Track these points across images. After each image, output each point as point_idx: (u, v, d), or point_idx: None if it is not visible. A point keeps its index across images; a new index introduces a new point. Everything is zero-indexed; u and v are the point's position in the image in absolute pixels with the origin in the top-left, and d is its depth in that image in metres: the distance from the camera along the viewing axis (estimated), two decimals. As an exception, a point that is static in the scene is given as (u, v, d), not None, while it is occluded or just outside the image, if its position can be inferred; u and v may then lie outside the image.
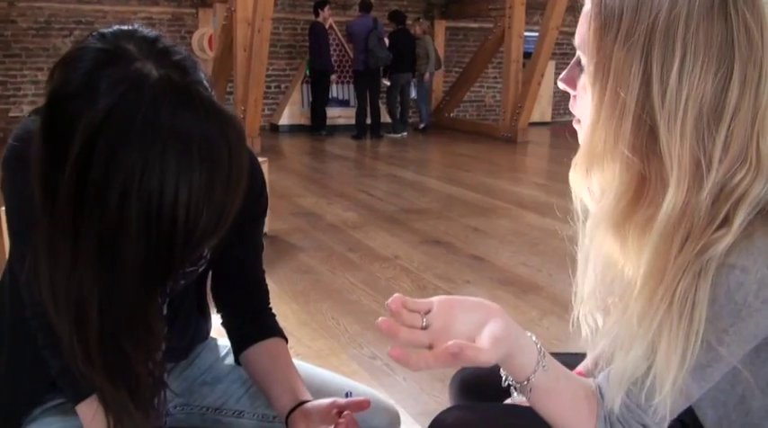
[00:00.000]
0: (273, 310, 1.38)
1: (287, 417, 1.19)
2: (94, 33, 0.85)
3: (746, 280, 0.83)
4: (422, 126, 11.62)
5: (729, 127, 0.82)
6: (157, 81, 0.79)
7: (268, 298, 1.38)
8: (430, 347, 0.90)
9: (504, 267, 4.23)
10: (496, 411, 1.21)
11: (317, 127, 10.80)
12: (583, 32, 0.89)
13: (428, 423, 2.40)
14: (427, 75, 11.34)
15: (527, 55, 10.75)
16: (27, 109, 9.08)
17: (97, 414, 0.92)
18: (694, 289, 0.84)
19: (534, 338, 0.95)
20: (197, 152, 0.78)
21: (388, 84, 10.92)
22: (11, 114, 9.67)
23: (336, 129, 11.07)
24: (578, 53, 0.92)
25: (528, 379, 0.93)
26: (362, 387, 1.44)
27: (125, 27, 0.86)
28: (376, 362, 2.91)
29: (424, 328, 0.92)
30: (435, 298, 0.96)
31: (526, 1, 10.50)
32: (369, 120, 10.73)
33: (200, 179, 0.79)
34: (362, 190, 6.75)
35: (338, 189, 6.71)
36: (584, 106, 0.93)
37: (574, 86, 0.95)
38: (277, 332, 1.34)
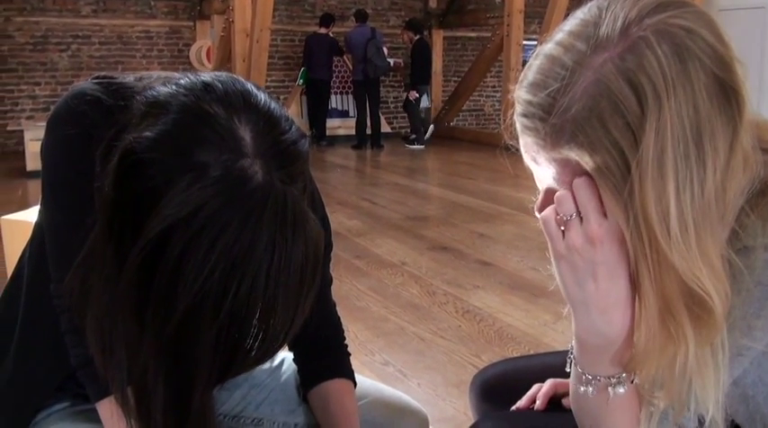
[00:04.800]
0: (349, 348, 1.31)
1: None
2: (207, 80, 0.77)
3: None
4: (412, 137, 11.49)
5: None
6: (259, 188, 0.71)
7: (341, 335, 1.31)
8: None
9: (514, 272, 4.17)
10: (532, 420, 1.15)
11: (316, 137, 10.77)
12: (564, 179, 0.80)
13: (446, 429, 2.35)
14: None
15: (525, 63, 10.72)
16: (25, 123, 9.02)
17: (118, 414, 0.85)
18: None
19: None
20: (274, 275, 0.72)
21: (417, 96, 10.80)
22: (8, 128, 9.61)
23: (336, 140, 11.02)
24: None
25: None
26: (391, 390, 1.39)
27: (245, 90, 0.78)
28: (388, 369, 2.85)
29: None
30: None
31: (524, 9, 10.50)
32: (369, 130, 10.67)
33: (271, 298, 0.73)
34: (365, 198, 6.71)
35: (341, 197, 6.66)
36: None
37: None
38: (344, 373, 1.26)
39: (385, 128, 11.12)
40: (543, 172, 0.82)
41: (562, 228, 0.80)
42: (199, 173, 0.70)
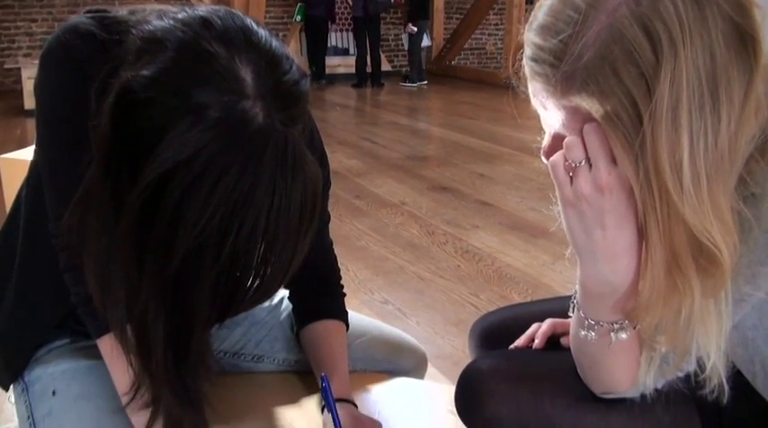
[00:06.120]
0: (349, 287, 1.32)
1: None
2: (205, 15, 0.75)
3: None
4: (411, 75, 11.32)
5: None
6: (259, 131, 0.70)
7: (336, 273, 1.32)
8: None
9: (513, 212, 4.17)
10: (530, 358, 1.16)
11: (316, 76, 10.65)
12: (573, 126, 0.78)
13: (444, 366, 2.38)
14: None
15: (529, 0, 10.56)
16: (22, 61, 8.91)
17: (118, 350, 0.86)
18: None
19: None
20: (273, 218, 0.72)
21: (415, 30, 10.64)
22: (6, 66, 9.49)
23: (336, 78, 10.90)
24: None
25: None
26: (390, 328, 1.41)
27: (245, 26, 0.76)
28: (387, 307, 2.87)
29: None
30: None
31: (528, -56, 10.31)
32: (369, 68, 10.55)
33: (271, 240, 0.74)
34: (365, 138, 6.67)
35: (340, 137, 6.62)
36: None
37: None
38: (336, 314, 1.27)
39: (385, 66, 11.00)
40: (552, 117, 0.80)
41: (570, 175, 0.79)
42: (199, 114, 0.69)
